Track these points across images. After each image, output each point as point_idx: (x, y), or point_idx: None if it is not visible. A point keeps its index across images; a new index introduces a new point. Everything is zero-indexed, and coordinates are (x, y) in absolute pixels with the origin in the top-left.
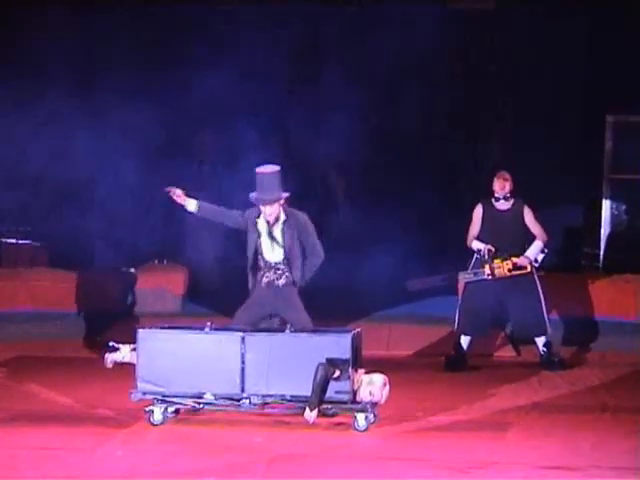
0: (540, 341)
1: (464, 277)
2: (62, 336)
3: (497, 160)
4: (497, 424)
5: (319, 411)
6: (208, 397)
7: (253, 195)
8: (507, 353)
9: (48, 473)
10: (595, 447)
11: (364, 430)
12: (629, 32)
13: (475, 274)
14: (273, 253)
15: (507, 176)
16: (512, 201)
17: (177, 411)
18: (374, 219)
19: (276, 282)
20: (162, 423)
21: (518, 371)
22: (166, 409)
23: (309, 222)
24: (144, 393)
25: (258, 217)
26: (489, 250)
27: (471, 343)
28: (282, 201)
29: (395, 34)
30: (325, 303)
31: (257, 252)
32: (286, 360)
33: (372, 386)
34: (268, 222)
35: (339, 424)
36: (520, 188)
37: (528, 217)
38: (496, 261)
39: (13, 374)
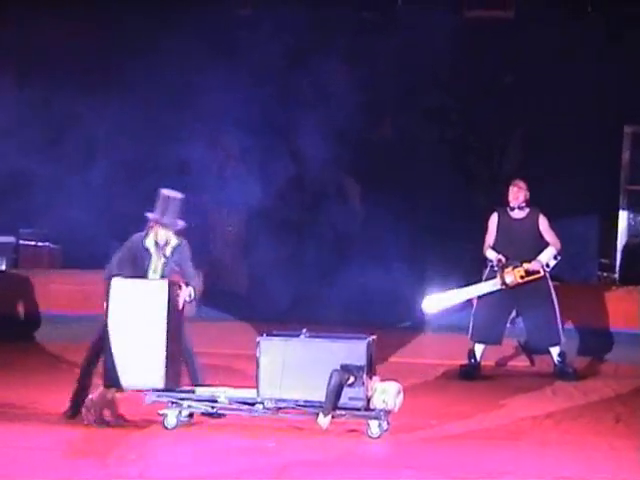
0: (554, 351)
1: (476, 292)
2: (76, 339)
3: (513, 170)
4: (511, 434)
5: (332, 417)
6: (222, 401)
7: (154, 216)
8: (521, 363)
9: (62, 475)
10: (609, 458)
11: (377, 437)
12: None
13: (488, 286)
14: (155, 274)
15: (522, 185)
16: (527, 210)
17: (191, 415)
18: (390, 226)
19: None
20: (176, 427)
21: (532, 381)
22: (180, 413)
23: (190, 251)
24: (159, 396)
25: (145, 240)
26: (499, 260)
27: (485, 352)
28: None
29: (411, 42)
30: (340, 309)
31: (144, 274)
32: (300, 365)
33: (386, 394)
34: (157, 243)
35: (352, 431)
36: (536, 198)
37: (543, 225)
38: (507, 270)
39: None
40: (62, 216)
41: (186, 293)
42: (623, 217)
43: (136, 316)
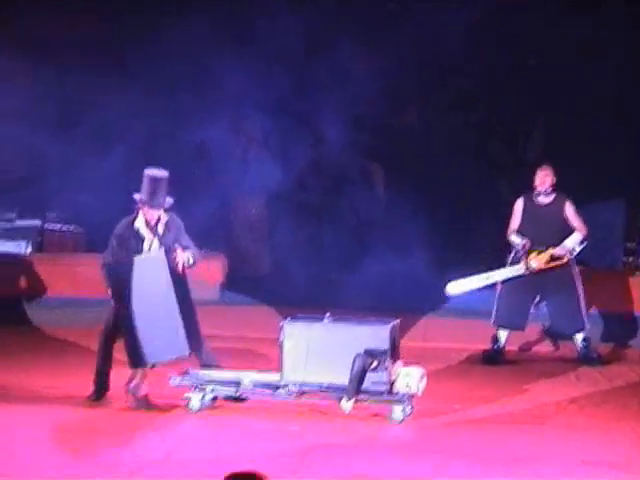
0: (579, 337)
1: (500, 276)
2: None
3: (537, 155)
4: (534, 419)
5: (355, 401)
6: (246, 384)
7: (142, 198)
8: (545, 348)
9: (87, 457)
10: (634, 443)
11: (400, 422)
12: None
13: (513, 270)
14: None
15: (548, 171)
16: (553, 195)
17: (215, 399)
18: (413, 212)
19: None
20: (199, 410)
21: (556, 366)
22: (204, 397)
23: (182, 223)
24: (185, 379)
25: (134, 222)
26: (524, 245)
27: (509, 337)
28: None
29: (434, 26)
30: (363, 294)
31: (138, 251)
32: (324, 349)
33: (409, 378)
34: (147, 222)
35: (375, 415)
36: (561, 183)
37: (569, 211)
38: (532, 255)
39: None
40: (84, 200)
41: (184, 256)
42: None
43: (145, 291)
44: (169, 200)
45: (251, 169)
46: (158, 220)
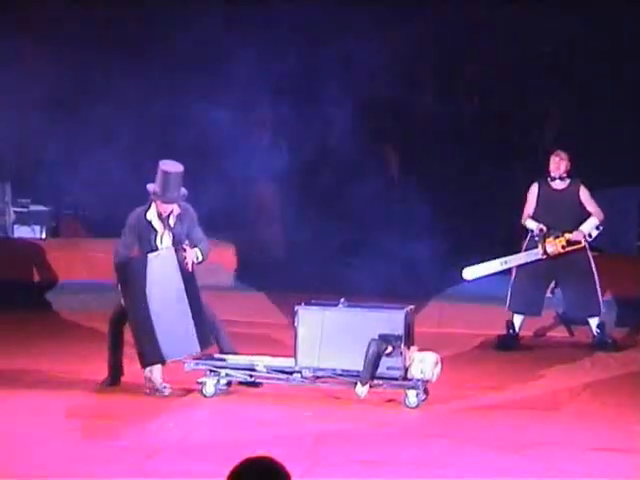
0: (593, 322)
1: (517, 262)
2: None
3: (552, 140)
4: (548, 404)
5: (370, 387)
6: (260, 369)
7: (155, 190)
8: (559, 333)
9: (103, 442)
10: None
11: (415, 407)
12: None
13: (529, 255)
14: (163, 246)
15: (563, 156)
16: (568, 181)
17: (229, 384)
18: (429, 198)
19: None
20: (214, 395)
21: (570, 352)
22: (218, 381)
23: (195, 215)
24: (200, 364)
25: (147, 213)
26: (540, 229)
27: (524, 323)
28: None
29: (451, 12)
30: (378, 279)
31: (152, 248)
32: (338, 334)
33: (424, 364)
34: (160, 215)
35: (390, 400)
36: (576, 169)
37: (584, 196)
38: (549, 239)
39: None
40: (97, 185)
41: (192, 255)
42: None
43: (155, 289)
44: (183, 192)
45: (262, 154)
46: (171, 212)
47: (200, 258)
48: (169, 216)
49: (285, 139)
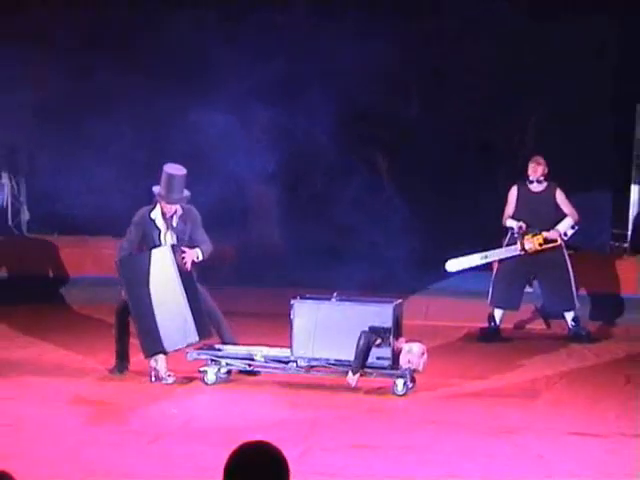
0: (569, 315)
1: (497, 256)
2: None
3: (531, 146)
4: (527, 392)
5: (361, 375)
6: (258, 359)
7: (160, 192)
8: (538, 326)
9: (110, 426)
10: (619, 416)
11: (403, 395)
12: None
13: (508, 251)
14: (172, 240)
15: (540, 160)
16: (545, 184)
17: (229, 372)
18: (416, 199)
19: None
20: (215, 383)
21: (548, 343)
22: (219, 370)
23: (199, 217)
24: (201, 354)
25: (151, 212)
26: (520, 227)
27: (504, 316)
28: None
29: (439, 24)
30: (369, 275)
31: (155, 245)
32: (332, 327)
33: (411, 354)
34: (164, 214)
35: (379, 388)
36: (554, 173)
37: (560, 198)
38: (526, 237)
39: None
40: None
41: (193, 254)
42: (634, 190)
43: (154, 284)
44: (186, 194)
45: (257, 156)
46: (174, 213)
47: (200, 258)
48: (172, 216)
49: (280, 143)
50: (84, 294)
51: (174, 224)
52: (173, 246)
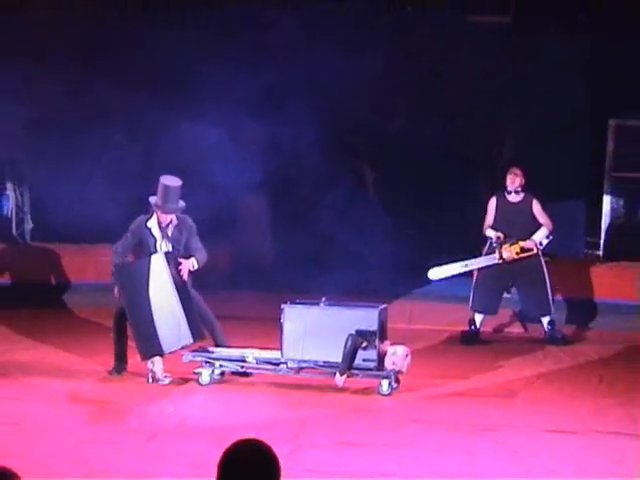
0: (545, 320)
1: (476, 265)
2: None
3: (509, 158)
4: (506, 392)
5: (348, 376)
6: (250, 361)
7: (156, 202)
8: (516, 330)
9: (109, 425)
10: (593, 414)
11: (387, 395)
12: (629, 47)
13: (488, 260)
14: (167, 248)
15: (518, 172)
16: (523, 195)
17: (222, 373)
18: (401, 209)
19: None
20: (209, 384)
21: (525, 346)
22: (213, 371)
23: (194, 226)
24: (196, 356)
25: (148, 221)
26: (498, 237)
27: (484, 320)
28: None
29: (422, 41)
30: (356, 281)
31: (150, 253)
32: (320, 330)
33: (395, 357)
34: (160, 223)
35: (365, 389)
36: (531, 184)
37: (536, 208)
38: (505, 246)
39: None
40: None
41: (188, 264)
42: (607, 201)
43: (152, 290)
44: (181, 204)
45: (246, 167)
46: (170, 222)
47: (196, 267)
48: (168, 226)
49: (268, 155)
50: (84, 299)
51: (169, 233)
52: (166, 253)
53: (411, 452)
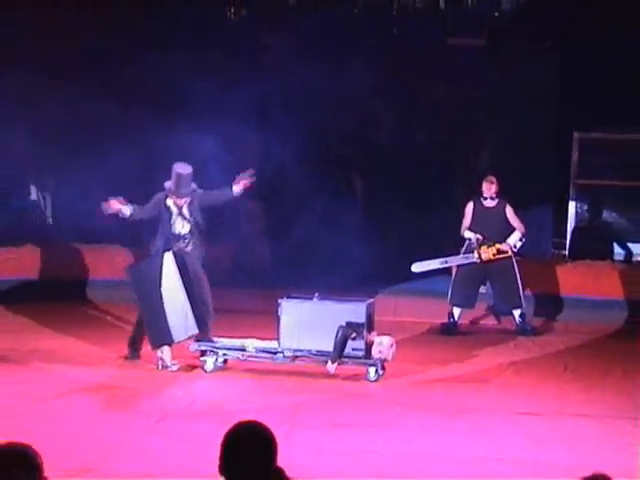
0: (516, 313)
1: (455, 262)
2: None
3: (485, 167)
4: (481, 378)
5: (338, 364)
6: (250, 350)
7: (170, 187)
8: (490, 322)
9: (122, 408)
10: (558, 398)
11: (374, 380)
12: (593, 68)
13: (466, 258)
14: (183, 228)
15: (493, 179)
16: (497, 200)
17: (225, 361)
18: (387, 213)
19: (185, 249)
20: (213, 370)
21: (498, 337)
22: (217, 359)
23: (199, 190)
24: (201, 345)
25: (166, 199)
26: (477, 239)
27: (461, 313)
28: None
29: (407, 60)
30: (346, 278)
31: (170, 228)
32: (314, 322)
33: (382, 346)
34: (176, 204)
35: (354, 375)
36: (504, 190)
37: (509, 213)
38: (482, 247)
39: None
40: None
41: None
42: (572, 205)
43: (164, 285)
44: (193, 187)
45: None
46: (184, 203)
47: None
48: (182, 206)
49: (262, 161)
50: (100, 294)
51: (184, 212)
52: (174, 252)
53: (396, 432)
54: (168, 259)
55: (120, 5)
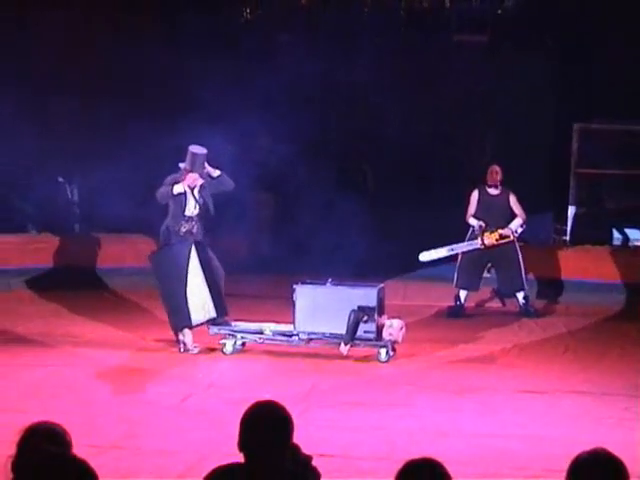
0: (520, 295)
1: (461, 249)
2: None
3: (489, 157)
4: (486, 358)
5: (351, 346)
6: (267, 333)
7: (185, 167)
8: (495, 304)
9: (148, 388)
10: (559, 377)
11: (385, 361)
12: (591, 63)
13: (470, 245)
14: (194, 209)
15: (497, 169)
16: (501, 188)
17: (243, 344)
18: (397, 202)
19: (192, 231)
20: (232, 353)
21: (502, 318)
22: (235, 342)
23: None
24: (221, 329)
25: (180, 180)
26: (480, 226)
27: (467, 297)
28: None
29: (413, 57)
30: (358, 264)
31: (182, 209)
32: (327, 306)
33: (392, 328)
34: (189, 185)
35: (366, 356)
36: (507, 179)
37: (512, 200)
38: (486, 234)
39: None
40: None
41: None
42: (572, 193)
43: (182, 270)
44: (207, 170)
45: (262, 171)
46: (195, 186)
47: (218, 173)
48: (194, 188)
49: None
50: (125, 282)
51: (195, 195)
52: (196, 242)
53: (406, 410)
54: (190, 248)
55: (135, 6)
